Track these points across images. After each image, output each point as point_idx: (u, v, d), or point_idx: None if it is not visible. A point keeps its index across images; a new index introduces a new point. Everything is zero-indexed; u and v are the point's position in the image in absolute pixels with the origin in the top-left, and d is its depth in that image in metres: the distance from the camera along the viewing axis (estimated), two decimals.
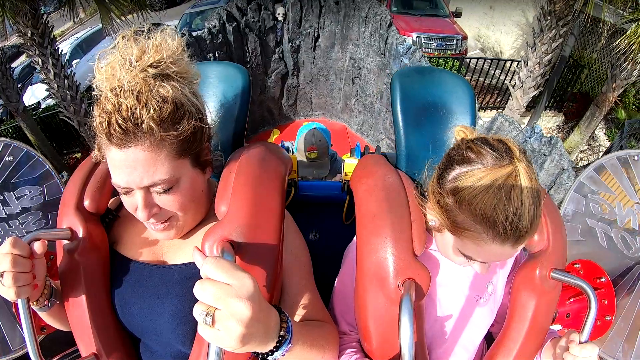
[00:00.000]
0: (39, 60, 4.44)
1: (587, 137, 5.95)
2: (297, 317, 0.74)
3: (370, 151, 1.49)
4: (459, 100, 0.99)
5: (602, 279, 1.04)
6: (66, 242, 0.76)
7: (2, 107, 7.28)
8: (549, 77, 6.06)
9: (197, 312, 0.47)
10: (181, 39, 0.69)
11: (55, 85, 4.63)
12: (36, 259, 0.67)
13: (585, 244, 1.20)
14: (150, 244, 0.79)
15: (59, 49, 4.64)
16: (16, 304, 0.66)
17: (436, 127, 0.98)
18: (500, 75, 6.54)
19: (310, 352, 0.65)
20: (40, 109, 6.80)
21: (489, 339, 0.94)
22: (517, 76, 5.68)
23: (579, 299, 1.01)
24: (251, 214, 0.67)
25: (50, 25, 4.44)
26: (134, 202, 0.67)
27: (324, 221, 1.20)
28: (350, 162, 1.20)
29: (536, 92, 5.65)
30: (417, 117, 0.96)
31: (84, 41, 9.03)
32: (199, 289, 0.47)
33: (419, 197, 0.78)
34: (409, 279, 0.69)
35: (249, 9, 4.06)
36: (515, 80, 5.73)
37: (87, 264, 0.75)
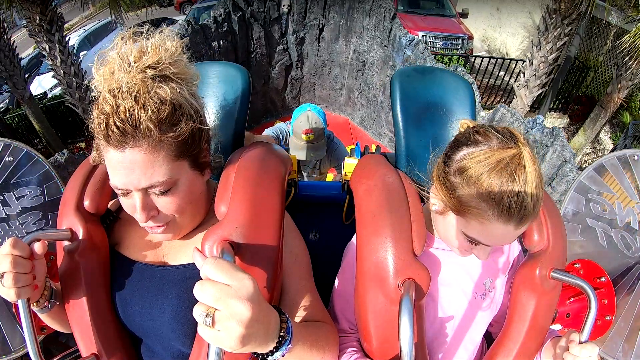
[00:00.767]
0: (47, 46, 4.49)
1: (591, 138, 5.92)
2: (297, 318, 0.74)
3: (370, 151, 1.49)
4: (459, 100, 0.99)
5: (602, 279, 1.04)
6: (66, 242, 0.76)
7: (9, 96, 7.41)
8: (554, 77, 6.05)
9: (197, 312, 0.47)
10: (180, 41, 0.69)
11: (61, 71, 4.68)
12: (36, 259, 0.67)
13: (585, 244, 1.20)
14: (150, 245, 0.79)
15: (66, 36, 4.68)
16: (16, 305, 0.66)
17: (436, 127, 0.98)
18: (504, 76, 6.53)
19: (310, 353, 0.65)
20: (46, 99, 6.87)
21: (489, 338, 0.95)
22: (521, 75, 5.66)
23: (579, 299, 1.01)
24: (251, 214, 0.67)
25: (59, 12, 4.48)
26: (132, 204, 0.67)
27: (324, 221, 1.20)
28: (350, 162, 1.20)
29: (541, 91, 5.63)
30: (417, 116, 0.96)
31: (91, 34, 9.05)
32: (198, 290, 0.47)
33: (419, 186, 0.79)
34: (409, 279, 0.69)
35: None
36: (520, 79, 5.70)
37: (87, 264, 0.75)
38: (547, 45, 5.14)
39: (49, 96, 7.17)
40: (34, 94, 6.11)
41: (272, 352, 0.55)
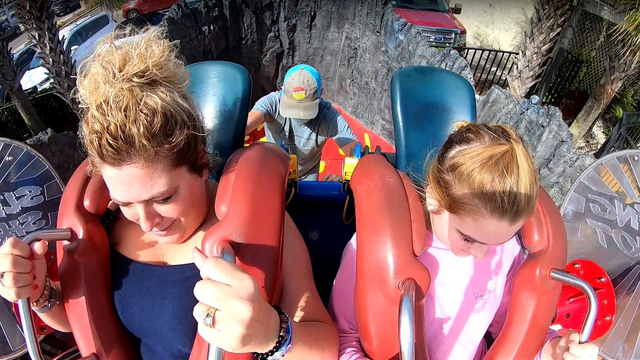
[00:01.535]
0: (36, 34, 4.47)
1: (584, 131, 5.89)
2: (296, 318, 0.74)
3: (370, 151, 1.49)
4: (459, 100, 0.99)
5: (602, 279, 1.04)
6: (66, 242, 0.76)
7: None
8: (547, 69, 6.03)
9: (198, 312, 0.47)
10: (168, 42, 0.66)
11: (50, 60, 4.65)
12: (36, 259, 0.66)
13: (585, 244, 1.20)
14: (150, 244, 0.80)
15: (56, 24, 4.66)
16: (16, 304, 0.66)
17: (436, 127, 0.98)
18: (497, 70, 6.54)
19: (310, 352, 0.65)
20: (36, 93, 6.88)
21: (489, 339, 0.95)
22: (514, 67, 5.64)
23: (579, 299, 1.01)
24: (251, 214, 0.67)
25: (49, 0, 4.48)
26: (134, 213, 0.67)
27: (323, 221, 1.20)
28: (350, 162, 1.20)
29: (534, 82, 5.61)
30: (417, 116, 0.96)
31: (83, 28, 9.01)
32: (199, 290, 0.47)
33: (416, 186, 0.80)
34: (408, 279, 0.69)
35: None
36: (513, 71, 5.68)
37: (87, 264, 0.75)
38: (540, 36, 5.13)
39: (39, 90, 7.12)
40: (24, 88, 6.10)
41: (272, 352, 0.55)
